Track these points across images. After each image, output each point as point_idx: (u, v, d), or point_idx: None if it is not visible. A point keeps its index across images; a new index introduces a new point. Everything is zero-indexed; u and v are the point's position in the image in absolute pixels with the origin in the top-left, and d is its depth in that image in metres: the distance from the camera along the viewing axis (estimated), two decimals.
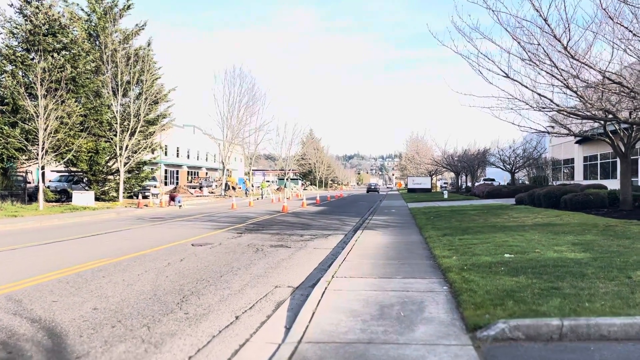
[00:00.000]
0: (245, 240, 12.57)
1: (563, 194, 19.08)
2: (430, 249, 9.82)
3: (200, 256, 9.91)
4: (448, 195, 40.45)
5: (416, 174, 77.61)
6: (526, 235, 10.60)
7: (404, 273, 7.47)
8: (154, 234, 14.06)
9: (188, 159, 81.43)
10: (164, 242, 12.18)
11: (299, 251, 10.84)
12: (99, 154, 28.19)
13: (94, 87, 27.83)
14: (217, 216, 21.34)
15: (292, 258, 9.87)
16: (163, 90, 33.20)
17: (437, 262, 8.18)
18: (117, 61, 29.44)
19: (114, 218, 20.83)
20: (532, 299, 5.33)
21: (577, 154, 39.89)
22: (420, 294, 6.09)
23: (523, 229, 11.94)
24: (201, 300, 6.31)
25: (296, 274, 8.16)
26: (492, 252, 8.53)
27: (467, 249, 9.13)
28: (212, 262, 9.16)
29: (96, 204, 27.82)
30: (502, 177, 63.87)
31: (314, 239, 13.19)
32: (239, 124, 48.78)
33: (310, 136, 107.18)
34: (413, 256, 9.13)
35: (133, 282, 7.28)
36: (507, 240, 9.85)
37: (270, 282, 7.52)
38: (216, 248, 11.14)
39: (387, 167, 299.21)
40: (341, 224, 18.04)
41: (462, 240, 10.44)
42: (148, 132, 31.80)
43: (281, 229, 15.58)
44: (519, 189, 33.29)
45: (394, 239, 11.92)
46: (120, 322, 5.29)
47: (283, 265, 9.04)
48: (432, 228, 13.60)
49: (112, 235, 13.73)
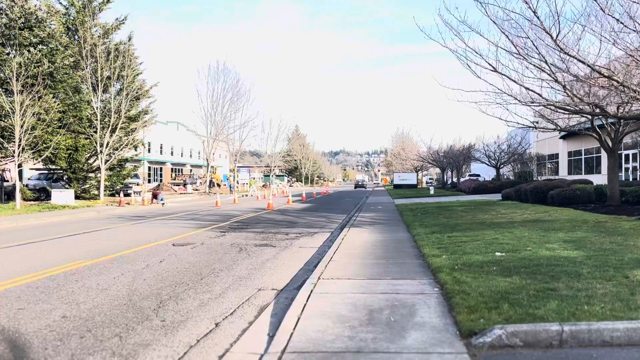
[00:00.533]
0: (229, 240, 12.20)
1: (550, 190, 18.98)
2: (419, 247, 9.56)
3: (181, 257, 9.53)
4: (434, 191, 40.37)
5: (402, 170, 77.65)
6: (516, 232, 10.39)
7: (393, 273, 7.19)
8: (134, 234, 13.62)
9: (172, 156, 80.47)
10: (144, 242, 11.75)
11: (284, 251, 10.51)
12: (78, 152, 27.48)
13: (73, 83, 27.10)
14: (201, 214, 20.89)
15: (277, 258, 9.54)
16: (145, 86, 32.54)
17: (427, 261, 7.91)
18: (96, 56, 28.72)
19: (94, 217, 20.27)
20: (528, 301, 5.07)
21: (561, 149, 40.09)
22: (410, 297, 5.81)
23: (512, 226, 11.74)
24: (179, 305, 5.95)
25: (281, 276, 7.83)
26: (482, 250, 8.28)
27: (456, 247, 8.88)
28: (193, 264, 8.79)
29: (76, 203, 27.15)
30: (487, 172, 64.11)
31: (299, 237, 12.86)
32: (223, 120, 48.20)
33: (296, 132, 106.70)
34: (401, 255, 8.86)
35: (108, 287, 6.88)
36: (497, 238, 9.62)
37: (254, 284, 7.19)
38: (198, 248, 10.75)
39: (372, 163, 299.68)
40: (327, 221, 17.73)
41: (451, 237, 10.20)
42: (130, 129, 31.13)
43: (266, 227, 15.23)
44: (505, 185, 33.30)
45: (381, 237, 11.65)
46: (90, 331, 4.91)
47: (267, 266, 8.70)
48: (420, 225, 13.35)
49: (90, 235, 13.25)
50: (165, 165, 78.43)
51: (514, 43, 11.81)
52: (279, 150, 75.26)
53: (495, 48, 12.27)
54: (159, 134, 74.60)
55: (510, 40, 11.82)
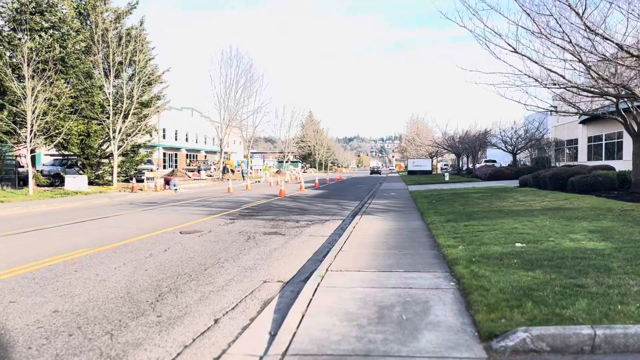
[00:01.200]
0: (238, 227, 11.88)
1: (570, 176, 18.32)
2: (434, 236, 9.13)
3: (187, 246, 9.22)
4: (449, 177, 39.69)
5: (416, 156, 76.79)
6: (536, 221, 9.88)
7: (406, 266, 6.78)
8: (143, 221, 13.37)
9: (187, 142, 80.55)
10: (151, 229, 11.49)
11: (293, 239, 10.16)
12: (90, 137, 27.35)
13: (85, 68, 26.87)
14: (212, 201, 20.64)
15: (285, 247, 9.19)
16: (157, 71, 32.23)
17: (442, 252, 7.49)
18: (108, 41, 28.43)
19: (105, 203, 20.14)
20: (554, 299, 4.64)
21: (581, 135, 39.03)
22: (424, 292, 5.40)
23: (532, 214, 11.22)
24: (179, 299, 5.63)
25: (288, 266, 7.47)
26: (501, 240, 7.82)
27: (473, 237, 8.43)
28: (198, 253, 8.47)
29: (89, 189, 27.11)
30: (504, 158, 62.98)
31: (310, 225, 12.50)
32: (236, 106, 47.77)
33: (310, 118, 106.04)
34: (415, 245, 8.44)
35: (107, 278, 6.59)
36: (517, 227, 9.14)
37: (259, 275, 6.84)
38: (205, 236, 10.45)
39: (387, 149, 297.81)
40: (339, 208, 17.34)
41: (468, 226, 9.73)
42: (142, 115, 30.90)
43: (276, 215, 14.89)
44: (522, 171, 32.52)
45: (394, 225, 11.23)
46: (80, 328, 4.60)
47: (275, 255, 8.36)
48: (435, 213, 12.89)
49: (98, 222, 13.04)
50: (180, 151, 78.56)
51: (536, 22, 11.19)
52: (293, 137, 74.78)
53: (516, 27, 11.69)
54: (174, 120, 74.64)
55: (532, 18, 11.22)
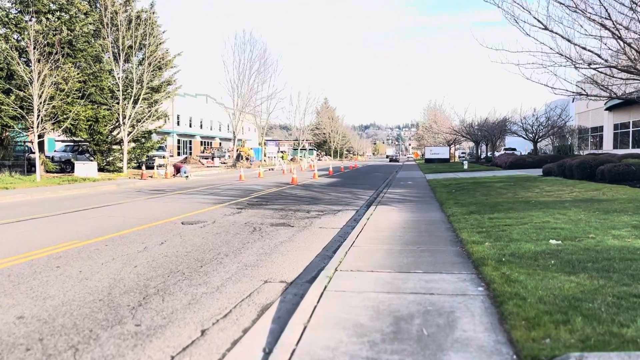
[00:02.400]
0: (244, 218, 11.17)
1: (599, 165, 17.26)
2: (455, 230, 8.30)
3: (186, 238, 8.54)
4: (468, 165, 38.54)
5: (434, 144, 75.45)
6: (569, 214, 8.99)
7: (426, 265, 5.98)
8: (145, 210, 12.75)
9: (201, 129, 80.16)
10: (152, 219, 10.84)
11: (302, 231, 9.41)
12: (99, 123, 26.83)
13: (94, 52, 26.29)
14: (221, 189, 19.98)
15: (292, 240, 8.45)
16: (168, 55, 31.54)
17: (466, 249, 6.67)
18: (118, 24, 27.80)
19: (112, 190, 19.62)
20: (608, 313, 3.82)
21: (606, 122, 37.54)
22: (448, 299, 4.61)
23: (563, 206, 10.30)
24: (165, 303, 4.92)
25: (294, 263, 6.73)
26: (533, 236, 6.98)
27: (500, 231, 7.59)
28: (197, 247, 7.78)
29: (99, 175, 26.71)
30: (523, 146, 61.43)
31: (321, 215, 11.75)
32: (249, 92, 46.99)
33: (325, 105, 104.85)
34: (435, 240, 7.63)
35: (90, 275, 5.92)
36: (549, 221, 8.26)
37: (260, 274, 6.11)
38: (208, 227, 9.75)
39: (403, 137, 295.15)
40: (353, 197, 16.55)
41: (493, 220, 8.88)
42: (153, 100, 30.31)
43: (286, 204, 14.16)
44: (544, 159, 31.31)
45: (411, 217, 10.41)
46: (42, 340, 3.91)
47: (280, 250, 7.62)
48: (455, 204, 12.04)
49: (99, 211, 12.44)
50: (194, 138, 78.22)
51: None
52: (308, 124, 73.83)
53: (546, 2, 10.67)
54: (189, 106, 74.21)
55: None
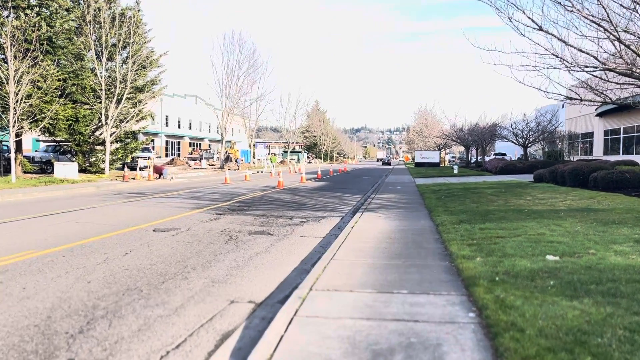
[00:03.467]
0: (221, 225, 10.53)
1: (592, 171, 16.82)
2: (444, 242, 7.72)
3: (154, 248, 7.88)
4: (458, 170, 38.14)
5: (424, 148, 75.14)
6: (565, 225, 8.44)
7: (412, 284, 5.39)
8: (118, 215, 12.05)
9: (190, 130, 79.27)
10: (123, 225, 10.16)
11: (282, 241, 8.80)
12: (79, 122, 25.96)
13: (75, 50, 25.49)
14: (204, 192, 19.29)
15: (269, 251, 7.83)
16: (153, 54, 30.75)
17: (456, 264, 6.09)
18: (101, 21, 27.02)
19: (90, 193, 18.85)
20: (620, 351, 3.24)
21: (597, 128, 37.35)
22: (435, 329, 4.01)
23: (558, 216, 9.76)
24: (111, 329, 4.28)
25: (267, 279, 6.11)
26: (528, 251, 6.41)
27: (492, 244, 7.02)
28: (164, 258, 7.13)
29: (80, 177, 25.87)
30: (513, 151, 61.32)
31: (304, 223, 11.13)
32: (238, 93, 46.29)
33: (315, 108, 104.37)
34: (422, 253, 7.04)
35: (34, 293, 5.26)
36: (544, 233, 7.70)
37: (228, 292, 5.48)
38: (180, 235, 9.10)
39: (394, 140, 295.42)
40: (340, 203, 15.96)
41: (484, 230, 8.31)
42: (137, 100, 29.53)
43: (269, 209, 13.53)
44: (535, 165, 30.97)
45: (398, 225, 9.83)
46: None
47: (254, 262, 6.99)
48: (445, 211, 11.48)
49: (67, 216, 11.72)
50: (183, 139, 77.29)
51: None
52: (298, 126, 73.13)
53: (541, 1, 10.16)
54: (177, 107, 73.34)
55: None
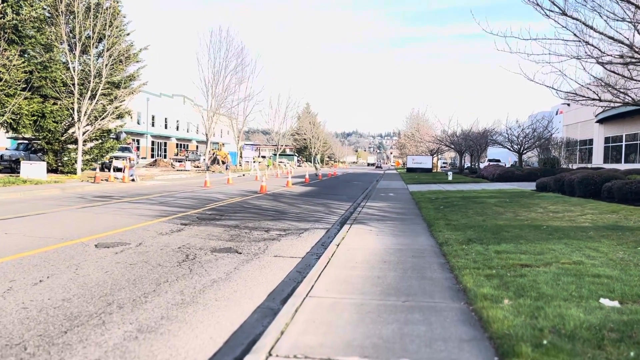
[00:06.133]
0: (182, 239, 8.78)
1: (604, 181, 15.28)
2: (454, 269, 6.05)
3: (82, 272, 6.13)
4: (452, 176, 36.60)
5: (416, 153, 73.75)
6: (603, 250, 6.80)
7: (417, 344, 3.69)
8: (64, 224, 10.26)
9: (177, 131, 77.22)
10: (61, 238, 8.38)
11: (250, 262, 7.08)
12: (46, 118, 24.03)
13: (44, 40, 23.61)
14: (176, 197, 17.49)
15: (230, 278, 6.11)
16: (132, 48, 28.90)
17: (476, 308, 4.40)
18: (75, 11, 25.15)
19: (51, 196, 16.99)
20: None
21: (596, 135, 36.02)
22: None
23: (587, 236, 8.12)
24: None
25: (215, 326, 4.39)
26: (571, 290, 4.75)
27: (519, 276, 5.36)
28: (88, 289, 5.38)
29: (49, 177, 23.94)
30: (507, 157, 60.10)
31: (282, 236, 9.43)
32: (224, 92, 44.42)
33: (306, 110, 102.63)
34: (427, 287, 5.35)
35: None
36: (582, 262, 6.04)
37: (152, 352, 3.75)
38: (125, 253, 7.35)
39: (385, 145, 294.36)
40: (326, 212, 14.27)
41: (502, 254, 6.64)
42: (113, 96, 27.65)
43: (244, 219, 11.80)
44: (534, 172, 29.51)
45: (393, 243, 8.15)
46: None
47: (207, 296, 5.27)
48: (447, 225, 9.82)
49: (2, 225, 9.91)
50: (170, 140, 75.21)
51: None
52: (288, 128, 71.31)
53: None
54: (164, 107, 71.29)
55: None
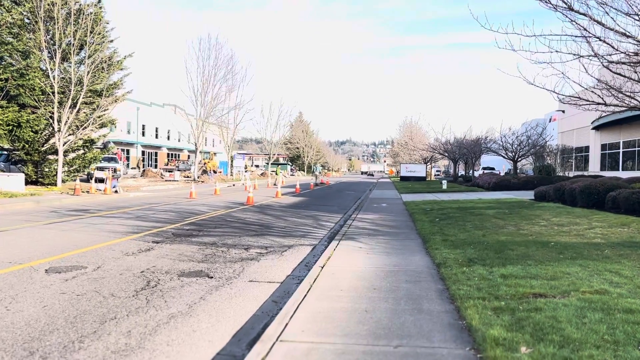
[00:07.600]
0: (149, 260, 7.82)
1: (608, 190, 14.46)
2: (455, 298, 5.14)
3: (15, 308, 5.16)
4: (447, 185, 35.76)
5: (409, 161, 73.02)
6: (626, 273, 5.90)
7: None
8: (20, 244, 9.25)
9: (168, 140, 76.17)
10: (10, 262, 7.39)
11: (220, 289, 6.14)
12: (22, 128, 22.98)
13: (22, 47, 22.63)
14: (156, 210, 16.48)
15: (193, 313, 5.16)
16: (116, 55, 27.95)
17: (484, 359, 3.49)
18: (55, 17, 24.21)
19: (21, 210, 15.95)
20: None
21: (593, 142, 35.37)
22: None
23: (603, 255, 7.23)
24: None
25: None
26: (602, 333, 3.86)
27: (534, 310, 4.46)
28: (11, 332, 4.42)
29: (28, 189, 22.86)
30: (501, 165, 59.56)
31: (262, 256, 8.49)
32: (214, 100, 43.47)
33: (299, 119, 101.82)
34: (425, 324, 4.42)
35: None
36: (606, 290, 5.14)
37: None
38: (77, 280, 6.38)
39: (378, 154, 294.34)
40: (314, 225, 13.34)
41: (510, 280, 5.74)
42: (96, 105, 26.64)
43: (224, 235, 10.84)
44: (530, 181, 28.75)
45: (385, 264, 7.24)
46: None
47: (155, 342, 4.32)
48: (444, 242, 8.92)
49: None
50: (160, 149, 74.14)
51: None
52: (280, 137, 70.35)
53: None
54: (155, 116, 70.31)
55: None
